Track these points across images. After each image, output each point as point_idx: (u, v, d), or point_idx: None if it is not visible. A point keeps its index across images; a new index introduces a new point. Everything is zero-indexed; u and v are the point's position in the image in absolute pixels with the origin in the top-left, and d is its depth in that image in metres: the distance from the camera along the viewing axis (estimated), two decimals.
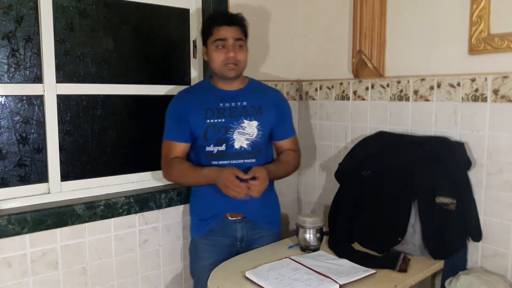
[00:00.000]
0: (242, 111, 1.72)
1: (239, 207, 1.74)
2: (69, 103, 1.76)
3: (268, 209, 1.82)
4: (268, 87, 1.91)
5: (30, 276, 1.61)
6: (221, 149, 1.71)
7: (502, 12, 1.59)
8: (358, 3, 2.00)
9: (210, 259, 1.75)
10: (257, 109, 1.75)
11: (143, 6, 1.91)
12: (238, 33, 1.68)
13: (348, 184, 1.84)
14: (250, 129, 1.72)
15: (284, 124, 1.84)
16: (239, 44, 1.69)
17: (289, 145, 1.86)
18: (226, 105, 1.73)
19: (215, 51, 1.68)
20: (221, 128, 1.70)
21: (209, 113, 1.71)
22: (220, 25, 1.67)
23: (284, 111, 1.85)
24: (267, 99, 1.80)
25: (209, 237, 1.78)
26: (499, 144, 1.62)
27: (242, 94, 1.76)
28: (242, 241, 1.78)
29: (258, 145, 1.74)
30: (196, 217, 1.82)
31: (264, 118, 1.75)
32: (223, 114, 1.71)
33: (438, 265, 1.61)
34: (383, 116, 2.00)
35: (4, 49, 1.60)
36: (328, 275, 1.42)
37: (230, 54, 1.65)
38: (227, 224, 1.76)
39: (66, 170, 1.76)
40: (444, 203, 1.53)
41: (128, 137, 1.94)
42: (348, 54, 2.14)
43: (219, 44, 1.66)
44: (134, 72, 1.92)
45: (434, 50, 1.81)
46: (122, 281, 1.83)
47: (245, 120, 1.72)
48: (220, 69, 1.69)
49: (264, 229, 1.80)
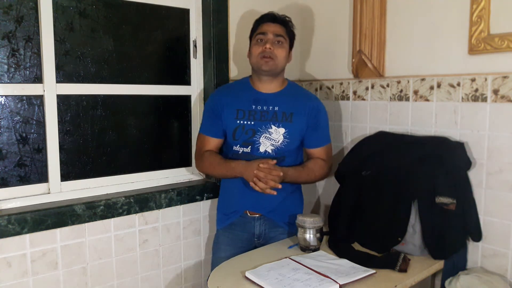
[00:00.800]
0: (272, 116, 1.73)
1: (258, 205, 1.79)
2: (69, 103, 1.76)
3: (288, 210, 1.83)
4: (307, 93, 1.90)
5: (30, 276, 1.61)
6: (246, 151, 1.74)
7: (502, 12, 1.59)
8: (358, 3, 2.00)
9: (227, 251, 1.80)
10: (288, 116, 1.74)
11: (143, 6, 1.91)
12: (279, 30, 1.72)
13: (348, 184, 1.84)
14: (277, 135, 1.73)
15: (315, 133, 1.81)
16: (278, 40, 1.71)
17: (319, 153, 1.83)
18: (258, 108, 1.74)
19: (255, 44, 1.73)
20: (249, 130, 1.72)
21: (241, 114, 1.74)
22: (264, 22, 1.73)
23: (317, 120, 1.80)
24: (301, 106, 1.77)
25: (229, 230, 1.84)
26: (499, 144, 1.62)
27: (276, 99, 1.76)
28: (260, 237, 1.83)
29: (283, 151, 1.74)
30: (221, 211, 1.88)
31: (293, 126, 1.75)
32: (253, 117, 1.73)
33: (438, 265, 1.61)
34: (383, 116, 2.00)
35: (4, 49, 1.60)
36: (328, 275, 1.42)
37: (267, 46, 1.68)
38: (246, 220, 1.81)
39: (66, 170, 1.76)
40: (444, 203, 1.53)
41: (128, 137, 1.94)
42: (348, 54, 2.14)
43: (259, 38, 1.71)
44: (134, 72, 1.92)
45: (434, 50, 1.81)
46: (122, 281, 1.83)
47: (273, 126, 1.73)
48: (256, 61, 1.72)
49: (282, 228, 1.83)
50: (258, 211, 1.80)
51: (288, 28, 1.77)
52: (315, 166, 1.81)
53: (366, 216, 1.73)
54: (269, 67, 1.70)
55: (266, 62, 1.69)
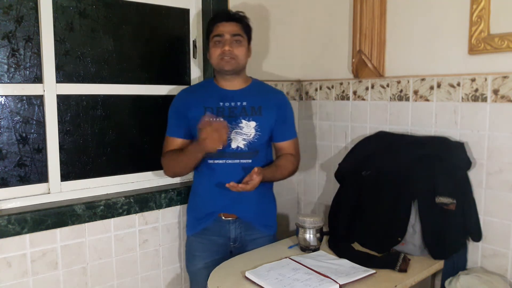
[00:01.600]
0: (241, 111, 1.72)
1: (233, 207, 1.74)
2: (69, 103, 1.76)
3: (263, 212, 1.81)
4: (272, 88, 1.91)
5: (30, 276, 1.61)
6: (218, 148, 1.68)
7: (502, 12, 1.59)
8: (358, 3, 2.00)
9: (203, 258, 1.76)
10: (257, 110, 1.74)
11: (143, 6, 1.91)
12: (236, 29, 1.70)
13: (348, 184, 1.84)
14: (248, 130, 1.71)
15: (284, 126, 1.82)
16: (236, 39, 1.70)
17: (288, 147, 1.84)
18: (226, 104, 1.73)
19: (213, 46, 1.71)
20: None
21: (209, 111, 1.72)
22: (219, 22, 1.70)
23: (285, 113, 1.83)
24: (268, 100, 1.79)
25: (203, 236, 1.78)
26: (499, 144, 1.62)
27: (242, 94, 1.76)
28: (236, 241, 1.77)
29: (255, 146, 1.73)
30: (192, 215, 1.83)
31: (263, 119, 1.74)
32: (222, 114, 1.71)
33: (438, 265, 1.61)
34: (383, 116, 2.00)
35: (4, 49, 1.60)
36: (328, 275, 1.42)
37: (226, 48, 1.67)
38: (221, 224, 1.76)
39: (66, 170, 1.76)
40: (444, 203, 1.53)
41: (128, 137, 1.94)
42: (348, 54, 2.14)
43: (217, 40, 1.69)
44: (134, 72, 1.92)
45: (434, 50, 1.81)
46: (122, 281, 1.83)
47: (243, 120, 1.71)
48: (217, 63, 1.71)
49: (259, 231, 1.79)
50: (233, 212, 1.75)
51: (244, 24, 1.75)
52: (287, 163, 1.80)
53: (366, 216, 1.73)
54: (231, 67, 1.70)
55: (227, 62, 1.69)
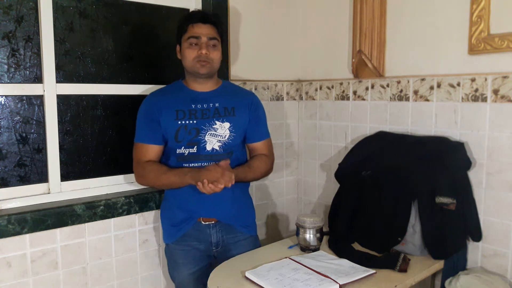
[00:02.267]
0: (214, 113, 1.69)
1: (212, 210, 1.69)
2: (69, 103, 1.76)
3: (242, 212, 1.77)
4: (243, 89, 1.88)
5: (30, 276, 1.61)
6: (193, 151, 1.66)
7: (502, 12, 1.59)
8: (358, 3, 2.00)
9: (187, 266, 1.71)
10: (230, 111, 1.71)
11: (143, 6, 1.91)
12: (212, 32, 1.66)
13: (348, 184, 1.84)
14: (222, 131, 1.68)
15: (257, 126, 1.79)
16: (213, 43, 1.66)
17: (261, 148, 1.80)
18: (198, 106, 1.69)
19: (188, 48, 1.65)
20: (193, 129, 1.66)
21: (181, 114, 1.67)
22: (194, 22, 1.64)
23: (258, 114, 1.79)
24: (241, 100, 1.76)
25: (183, 243, 1.72)
26: (499, 144, 1.62)
27: (214, 96, 1.72)
28: (218, 246, 1.73)
29: (230, 146, 1.70)
30: (168, 222, 1.76)
31: (237, 119, 1.72)
32: (194, 116, 1.67)
33: (438, 265, 1.61)
34: (383, 116, 2.00)
35: (4, 49, 1.60)
36: (328, 275, 1.42)
37: (202, 51, 1.62)
38: (201, 229, 1.71)
39: (66, 170, 1.76)
40: (444, 203, 1.53)
41: (128, 137, 1.93)
42: (348, 54, 2.14)
43: (193, 42, 1.64)
44: (134, 72, 1.92)
45: (434, 50, 1.81)
46: (122, 281, 1.83)
47: (217, 122, 1.68)
48: (192, 65, 1.66)
49: (240, 233, 1.75)
50: (212, 216, 1.70)
51: (220, 27, 1.70)
52: (260, 163, 1.77)
53: (366, 216, 1.73)
54: (207, 70, 1.66)
55: (203, 65, 1.65)
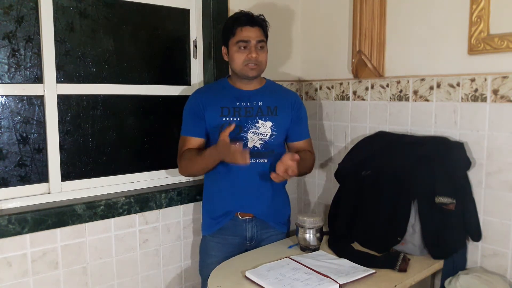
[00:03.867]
0: (257, 111, 1.74)
1: (250, 206, 1.76)
2: (69, 103, 1.76)
3: (278, 209, 1.83)
4: (286, 89, 1.92)
5: (31, 276, 1.61)
6: None
7: (501, 12, 1.59)
8: (358, 3, 2.01)
9: (218, 257, 1.76)
10: (272, 110, 1.76)
11: (143, 6, 1.91)
12: (260, 34, 1.70)
13: (348, 184, 1.84)
14: (264, 129, 1.73)
15: (299, 127, 1.83)
16: (261, 45, 1.70)
17: (303, 147, 1.85)
18: (242, 104, 1.74)
19: (237, 51, 1.69)
20: (236, 127, 1.70)
21: (225, 111, 1.72)
22: (243, 25, 1.68)
23: (300, 114, 1.84)
24: (283, 100, 1.80)
25: (219, 236, 1.79)
26: (499, 144, 1.62)
27: (258, 94, 1.77)
28: (252, 240, 1.80)
29: (271, 145, 1.74)
30: (208, 215, 1.82)
31: (279, 119, 1.76)
32: (238, 113, 1.72)
33: (437, 265, 1.61)
34: (383, 116, 2.00)
35: (4, 49, 1.60)
36: (328, 275, 1.42)
37: (252, 55, 1.67)
38: (238, 223, 1.77)
39: (66, 170, 1.76)
40: (443, 203, 1.53)
41: (129, 137, 1.94)
42: (348, 54, 2.15)
43: (242, 45, 1.68)
44: (134, 72, 1.92)
45: (434, 50, 1.81)
46: (122, 281, 1.83)
47: (260, 120, 1.73)
48: (241, 69, 1.70)
49: (273, 229, 1.82)
50: (249, 211, 1.77)
51: (266, 29, 1.76)
52: (307, 157, 1.80)
53: (366, 216, 1.74)
54: (256, 73, 1.71)
55: (253, 69, 1.69)
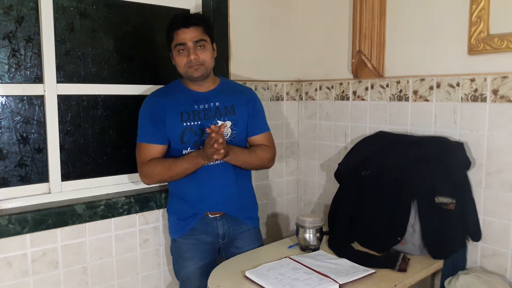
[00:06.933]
0: (215, 112, 1.72)
1: (218, 205, 1.74)
2: (69, 103, 1.76)
3: (246, 204, 1.82)
4: (240, 86, 1.91)
5: (31, 275, 1.61)
6: None
7: (501, 13, 1.59)
8: (358, 3, 2.01)
9: (194, 259, 1.74)
10: (230, 109, 1.75)
11: (143, 7, 1.92)
12: (197, 34, 1.65)
13: (348, 184, 1.84)
14: (224, 130, 1.71)
15: (255, 120, 1.81)
16: (200, 45, 1.65)
17: (261, 140, 1.82)
18: (200, 107, 1.71)
19: (177, 55, 1.67)
20: (198, 130, 1.68)
21: (185, 116, 1.69)
22: (178, 28, 1.64)
23: (255, 108, 1.82)
24: (239, 97, 1.79)
25: (191, 237, 1.75)
26: (499, 144, 1.62)
27: (214, 95, 1.75)
28: (224, 237, 1.77)
29: (233, 144, 1.72)
30: (175, 216, 1.78)
31: (237, 117, 1.75)
32: (198, 117, 1.70)
33: (437, 265, 1.61)
34: (383, 116, 2.00)
35: (4, 49, 1.61)
36: (328, 275, 1.42)
37: (191, 57, 1.63)
38: (208, 222, 1.74)
39: (66, 170, 1.76)
40: (443, 203, 1.54)
41: (129, 137, 1.94)
42: (347, 54, 2.15)
43: (180, 49, 1.65)
44: (134, 72, 1.92)
45: (434, 50, 1.81)
46: (123, 280, 1.84)
47: (219, 121, 1.71)
48: (185, 71, 1.68)
49: (245, 224, 1.80)
50: (219, 210, 1.74)
51: (204, 27, 1.68)
52: (258, 149, 1.78)
53: (365, 216, 1.74)
54: (200, 73, 1.67)
55: (196, 69, 1.66)
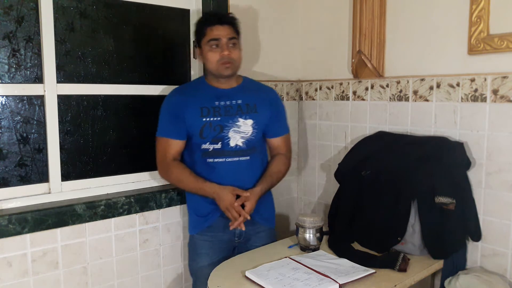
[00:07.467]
0: (237, 110, 1.74)
1: None
2: (69, 103, 1.76)
3: (263, 206, 1.83)
4: (263, 85, 1.93)
5: (31, 275, 1.61)
6: (217, 147, 1.72)
7: (501, 13, 1.59)
8: (358, 3, 2.01)
9: (209, 256, 1.77)
10: (252, 107, 1.77)
11: (143, 7, 1.92)
12: (230, 32, 1.71)
13: (348, 184, 1.84)
14: (245, 128, 1.74)
15: (277, 122, 1.85)
16: (233, 42, 1.71)
17: (280, 144, 1.87)
18: (221, 103, 1.74)
19: (210, 51, 1.70)
20: (217, 126, 1.71)
21: (205, 111, 1.72)
22: (212, 25, 1.69)
23: (278, 109, 1.86)
24: (262, 97, 1.82)
25: (208, 234, 1.79)
26: (499, 144, 1.62)
27: (237, 93, 1.77)
28: (240, 237, 1.80)
29: (253, 143, 1.76)
30: (195, 212, 1.82)
31: (259, 116, 1.77)
32: (218, 113, 1.73)
33: (437, 265, 1.61)
34: (383, 116, 2.00)
35: (4, 49, 1.60)
36: (328, 275, 1.42)
37: (225, 53, 1.68)
38: (226, 221, 1.76)
39: (66, 170, 1.76)
40: (443, 203, 1.54)
41: (129, 137, 1.94)
42: (347, 54, 2.15)
43: (213, 44, 1.69)
44: (134, 72, 1.92)
45: (434, 50, 1.81)
46: (123, 280, 1.84)
47: (240, 119, 1.74)
48: (216, 68, 1.71)
49: (260, 225, 1.82)
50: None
51: (237, 27, 1.76)
52: (280, 165, 1.84)
53: (365, 216, 1.74)
54: (231, 71, 1.72)
55: (227, 67, 1.70)
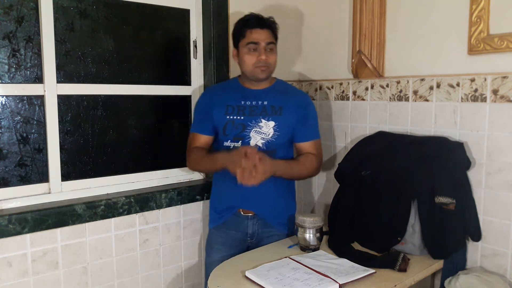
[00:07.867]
0: (261, 110, 1.76)
1: (251, 204, 1.78)
2: (69, 103, 1.76)
3: (280, 209, 1.84)
4: (295, 89, 1.94)
5: (31, 275, 1.61)
6: (237, 145, 1.74)
7: (501, 13, 1.59)
8: (358, 3, 2.01)
9: (220, 251, 1.82)
10: (277, 110, 1.77)
11: (143, 6, 1.92)
12: (269, 36, 1.73)
13: (348, 184, 1.84)
14: (267, 129, 1.75)
15: (304, 127, 1.82)
16: (270, 47, 1.74)
17: (309, 148, 1.83)
18: (247, 103, 1.77)
19: (247, 53, 1.73)
20: (239, 125, 1.74)
21: (230, 110, 1.77)
22: (252, 27, 1.72)
23: (306, 113, 1.82)
24: (290, 100, 1.81)
25: (223, 229, 1.84)
26: (499, 144, 1.62)
27: (264, 94, 1.79)
28: (253, 237, 1.83)
29: (274, 145, 1.76)
30: (213, 208, 1.88)
31: (282, 119, 1.76)
32: (242, 112, 1.76)
33: (437, 265, 1.61)
34: (383, 116, 2.00)
35: (4, 49, 1.61)
36: (328, 275, 1.42)
37: (262, 57, 1.70)
38: (240, 219, 1.81)
39: (66, 170, 1.77)
40: (443, 203, 1.54)
41: (129, 137, 1.95)
42: (347, 54, 2.15)
43: (252, 47, 1.71)
44: (134, 72, 1.92)
45: (434, 50, 1.81)
46: (123, 280, 1.84)
47: (263, 120, 1.75)
48: (251, 70, 1.74)
49: (275, 229, 1.83)
50: (250, 209, 1.79)
51: (275, 31, 1.79)
52: (306, 160, 1.79)
53: (366, 216, 1.74)
54: (266, 75, 1.75)
55: (263, 71, 1.73)
